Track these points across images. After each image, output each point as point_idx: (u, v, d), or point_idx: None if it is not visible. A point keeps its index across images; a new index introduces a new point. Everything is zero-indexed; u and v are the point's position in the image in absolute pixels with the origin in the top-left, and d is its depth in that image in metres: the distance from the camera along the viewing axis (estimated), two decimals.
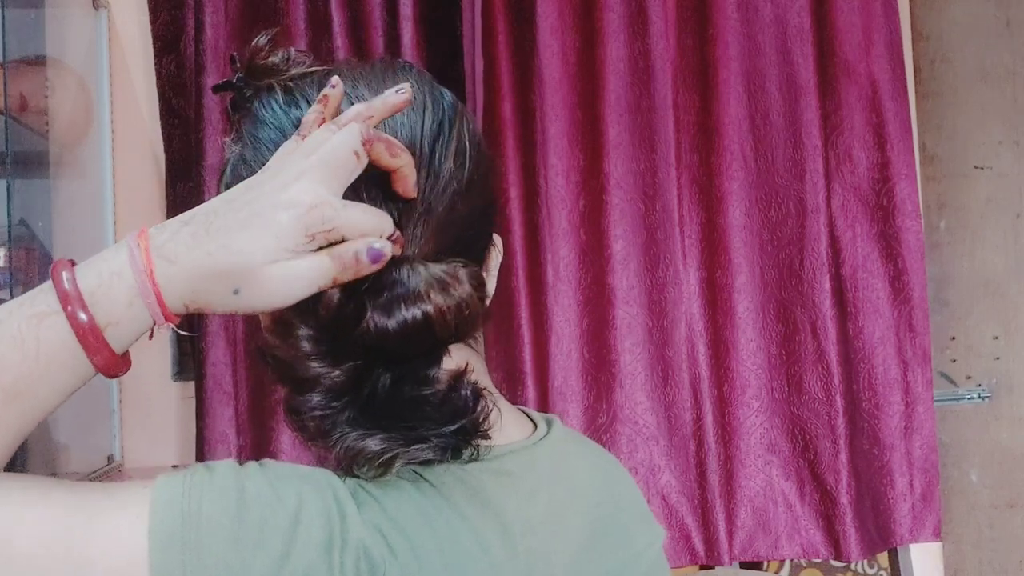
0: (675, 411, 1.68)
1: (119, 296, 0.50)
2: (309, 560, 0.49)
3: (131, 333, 0.51)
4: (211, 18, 1.66)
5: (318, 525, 0.50)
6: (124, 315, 0.50)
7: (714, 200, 1.71)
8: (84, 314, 0.49)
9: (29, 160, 1.53)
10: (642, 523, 0.71)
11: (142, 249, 0.50)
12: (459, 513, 0.54)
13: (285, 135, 0.59)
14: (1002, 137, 1.97)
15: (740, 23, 1.72)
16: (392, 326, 0.50)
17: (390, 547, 0.51)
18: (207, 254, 0.49)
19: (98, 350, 0.49)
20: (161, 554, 0.47)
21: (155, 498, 0.49)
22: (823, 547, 1.70)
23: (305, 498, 0.51)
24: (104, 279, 0.50)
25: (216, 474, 0.51)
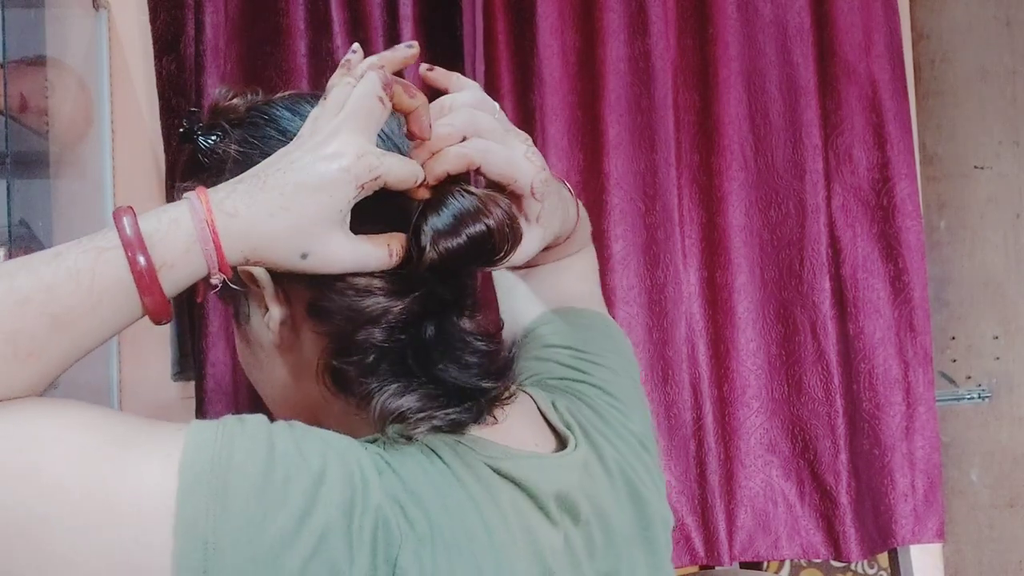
0: (675, 411, 1.68)
1: (177, 241, 0.52)
2: (328, 520, 0.50)
3: (184, 278, 0.53)
4: (211, 18, 1.66)
5: (340, 488, 0.51)
6: (180, 259, 0.52)
7: (714, 200, 1.71)
8: (142, 255, 0.51)
9: (29, 160, 1.53)
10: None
11: (202, 201, 0.53)
12: (468, 493, 0.56)
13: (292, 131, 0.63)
14: (1002, 137, 1.97)
15: (740, 23, 1.72)
16: (459, 243, 0.56)
17: (407, 518, 0.52)
18: (268, 215, 0.53)
19: (150, 291, 0.51)
20: (187, 496, 0.48)
21: (188, 441, 0.50)
22: (823, 547, 1.70)
23: (329, 460, 0.52)
24: (163, 225, 0.52)
25: (248, 426, 0.52)
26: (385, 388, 0.57)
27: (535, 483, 0.60)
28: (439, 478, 0.55)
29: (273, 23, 1.67)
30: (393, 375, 0.57)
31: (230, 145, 0.64)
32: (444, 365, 0.58)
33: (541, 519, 0.60)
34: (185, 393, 1.76)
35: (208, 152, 0.65)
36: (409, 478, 0.54)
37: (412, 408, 0.56)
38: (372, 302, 0.56)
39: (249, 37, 1.67)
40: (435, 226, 0.56)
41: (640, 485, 0.70)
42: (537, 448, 0.64)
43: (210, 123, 0.67)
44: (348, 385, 0.60)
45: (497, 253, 0.58)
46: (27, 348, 0.49)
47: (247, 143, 0.64)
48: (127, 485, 0.48)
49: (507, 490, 0.59)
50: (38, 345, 0.49)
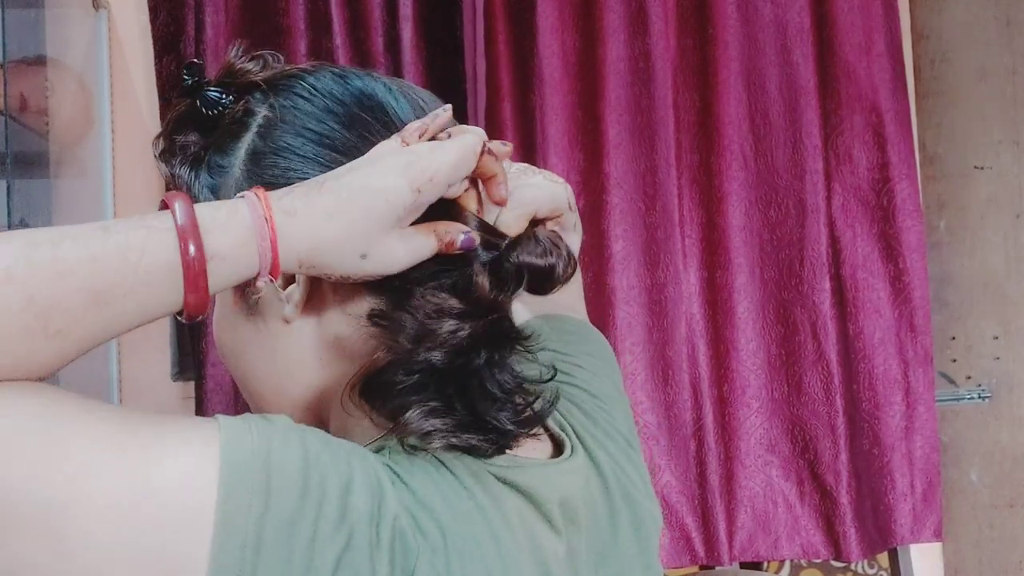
0: (675, 411, 1.68)
1: (233, 232, 0.51)
2: (355, 527, 0.49)
3: (232, 275, 0.51)
4: (211, 18, 1.66)
5: (365, 496, 0.50)
6: (232, 253, 0.50)
7: (714, 200, 1.71)
8: (194, 243, 0.49)
9: (29, 160, 1.53)
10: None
11: (260, 197, 0.51)
12: (476, 503, 0.55)
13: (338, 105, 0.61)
14: (1002, 137, 1.97)
15: (740, 23, 1.72)
16: (542, 264, 0.59)
17: (420, 529, 0.51)
18: (327, 216, 0.52)
19: (196, 283, 0.49)
20: (229, 489, 0.46)
21: (224, 434, 0.48)
22: (823, 547, 1.70)
23: (355, 468, 0.51)
24: (220, 215, 0.51)
25: (279, 425, 0.51)
26: (423, 406, 0.56)
27: (540, 491, 0.60)
28: (447, 488, 0.55)
29: (273, 23, 1.67)
30: (435, 396, 0.56)
31: (255, 107, 0.62)
32: (483, 397, 0.57)
33: (545, 528, 0.60)
34: (185, 393, 1.76)
35: (213, 105, 0.62)
36: (419, 488, 0.53)
37: (439, 429, 0.55)
38: (446, 324, 0.56)
39: (249, 37, 1.67)
40: (525, 251, 0.59)
41: (630, 486, 0.70)
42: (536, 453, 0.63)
43: (221, 81, 0.64)
44: (382, 397, 0.57)
45: (564, 281, 0.61)
46: (58, 324, 0.46)
47: (282, 110, 0.61)
48: (163, 474, 0.46)
49: (512, 499, 0.58)
50: (69, 321, 0.47)
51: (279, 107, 0.61)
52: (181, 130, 0.64)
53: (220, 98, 0.62)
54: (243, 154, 0.61)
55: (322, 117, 0.61)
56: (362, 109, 0.61)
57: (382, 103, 0.62)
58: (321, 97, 0.61)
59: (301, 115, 0.61)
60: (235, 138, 0.61)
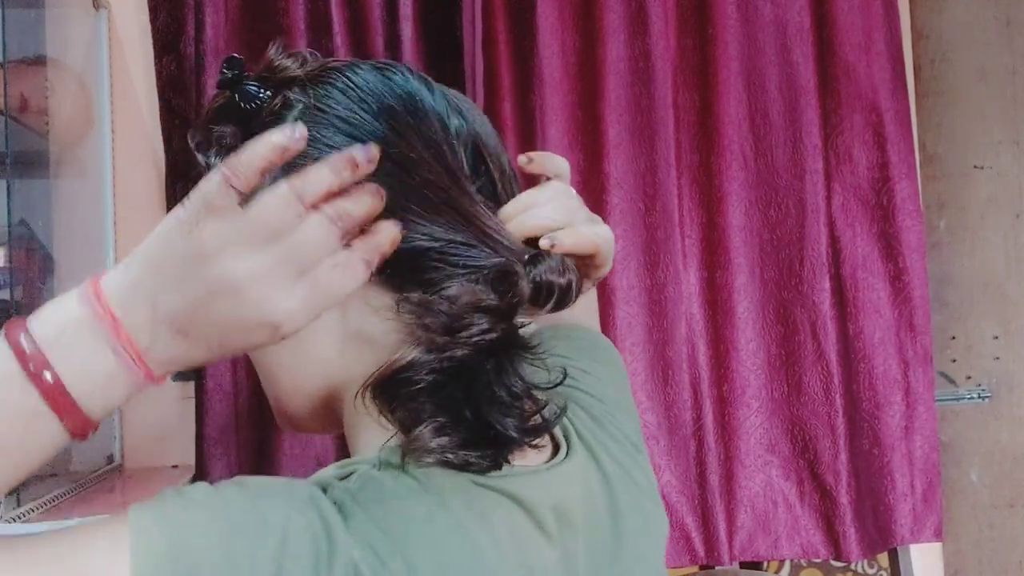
0: (675, 411, 1.67)
1: (119, 391, 0.50)
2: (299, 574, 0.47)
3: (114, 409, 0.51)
4: (211, 18, 1.66)
5: (305, 543, 0.48)
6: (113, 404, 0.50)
7: (714, 200, 1.71)
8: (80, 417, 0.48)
9: (29, 160, 1.53)
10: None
11: (131, 355, 0.49)
12: (455, 519, 0.54)
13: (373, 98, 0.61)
14: (1002, 137, 1.97)
15: (740, 23, 1.72)
16: (561, 282, 0.61)
17: (380, 559, 0.50)
18: (206, 359, 0.51)
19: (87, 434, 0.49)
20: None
21: (136, 536, 0.46)
22: (823, 547, 1.70)
23: (290, 516, 0.49)
24: (100, 382, 0.49)
25: (195, 499, 0.49)
26: (433, 422, 0.54)
27: (531, 497, 0.58)
28: (421, 509, 0.53)
29: (273, 23, 1.67)
30: (446, 402, 0.56)
31: (294, 98, 0.61)
32: (491, 401, 0.56)
33: (536, 536, 0.59)
34: (185, 393, 1.75)
35: (253, 98, 0.62)
36: (383, 515, 0.51)
37: (442, 447, 0.54)
38: (481, 321, 0.56)
39: (249, 37, 1.67)
40: (548, 266, 0.61)
41: (637, 491, 0.69)
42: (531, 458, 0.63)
43: (261, 76, 0.63)
44: (395, 400, 0.56)
45: (568, 302, 0.63)
46: None
47: (318, 100, 0.61)
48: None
49: (500, 507, 0.57)
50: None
51: (314, 99, 0.61)
52: (218, 122, 0.63)
53: (258, 92, 0.62)
54: None
55: (354, 109, 0.61)
56: (395, 101, 0.61)
57: (415, 96, 0.62)
58: (356, 90, 0.61)
59: (335, 106, 0.61)
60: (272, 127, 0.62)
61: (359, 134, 0.59)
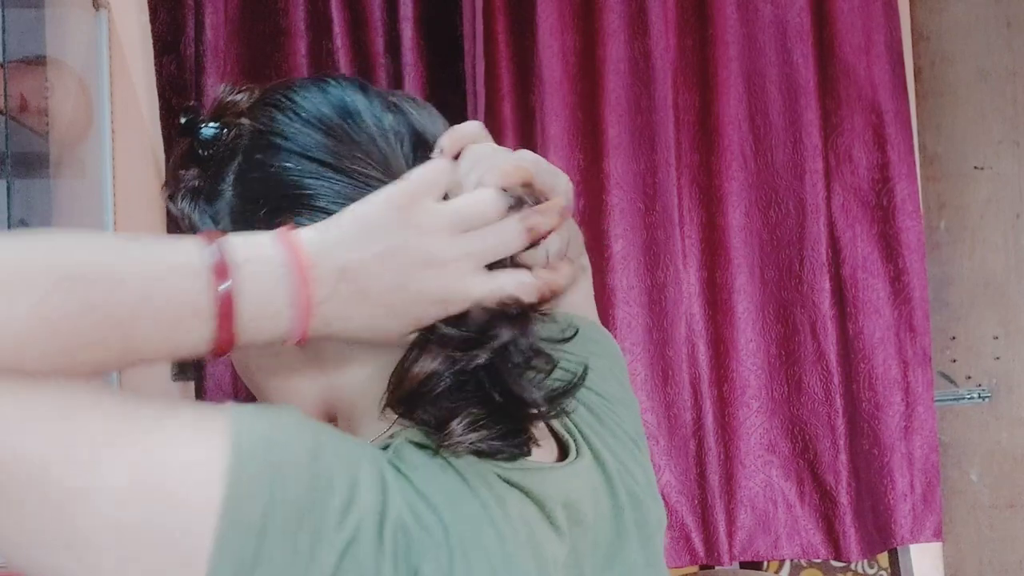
0: (675, 411, 1.68)
1: (271, 332, 0.52)
2: (361, 522, 0.49)
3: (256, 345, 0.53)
4: (211, 18, 1.66)
5: (372, 492, 0.51)
6: (265, 342, 0.53)
7: (714, 200, 1.71)
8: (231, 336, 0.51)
9: (29, 160, 1.53)
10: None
11: (304, 303, 0.52)
12: (481, 501, 0.55)
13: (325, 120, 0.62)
14: (1002, 137, 1.97)
15: (740, 23, 1.72)
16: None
17: (423, 524, 0.52)
18: (368, 328, 0.54)
19: (224, 353, 0.52)
20: (238, 477, 0.47)
21: (235, 422, 0.49)
22: (823, 547, 1.70)
23: (362, 464, 0.52)
24: (264, 316, 0.52)
25: (290, 415, 0.51)
26: (466, 416, 0.56)
27: (544, 493, 0.60)
28: (452, 487, 0.55)
29: (273, 23, 1.67)
30: (474, 393, 0.57)
31: (242, 129, 0.63)
32: (513, 373, 0.58)
33: (547, 530, 0.60)
34: (185, 393, 1.76)
35: (209, 144, 0.64)
36: (423, 485, 0.53)
37: (477, 440, 0.56)
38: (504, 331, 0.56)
39: (249, 37, 1.67)
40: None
41: (636, 486, 0.70)
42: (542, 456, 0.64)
43: (213, 116, 0.65)
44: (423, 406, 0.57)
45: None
46: (85, 359, 0.48)
47: (261, 123, 0.63)
48: (175, 462, 0.47)
49: (516, 499, 0.58)
50: (97, 360, 0.48)
51: (260, 126, 0.63)
52: (184, 167, 0.66)
53: (214, 134, 0.64)
54: (231, 177, 0.63)
55: (293, 124, 0.62)
56: (330, 109, 0.62)
57: (347, 101, 0.63)
58: (293, 105, 0.63)
59: (276, 126, 0.63)
60: (226, 164, 0.63)
61: (299, 147, 0.61)
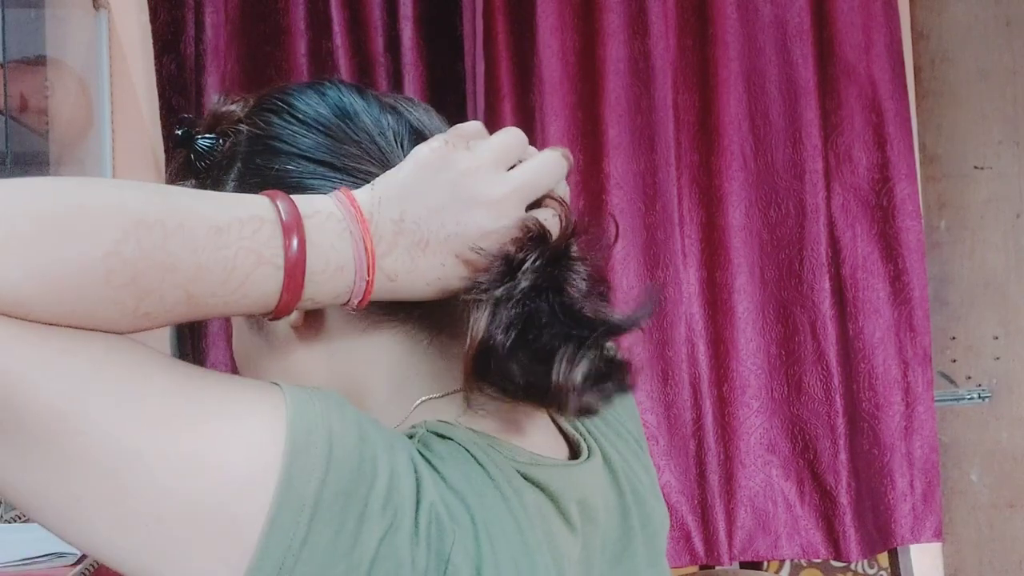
0: (675, 411, 1.68)
1: (334, 288, 0.53)
2: (401, 506, 0.50)
3: (317, 307, 0.54)
4: (211, 18, 1.66)
5: (407, 481, 0.51)
6: (326, 299, 0.53)
7: (714, 200, 1.71)
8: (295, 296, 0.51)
9: (29, 160, 1.53)
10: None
11: (368, 256, 0.53)
12: (501, 493, 0.56)
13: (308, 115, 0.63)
14: (1002, 137, 1.97)
15: (740, 23, 1.72)
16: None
17: (453, 515, 0.52)
18: (425, 283, 0.55)
19: (284, 313, 0.52)
20: (295, 456, 0.47)
21: (290, 401, 0.49)
22: (823, 547, 1.70)
23: (398, 451, 0.52)
24: (329, 271, 0.52)
25: (335, 398, 0.52)
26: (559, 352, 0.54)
27: (560, 490, 0.60)
28: (475, 476, 0.55)
29: (273, 23, 1.67)
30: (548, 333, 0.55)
31: (239, 135, 0.64)
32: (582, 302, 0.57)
33: (562, 526, 0.60)
34: None
35: (206, 155, 0.65)
36: (449, 474, 0.54)
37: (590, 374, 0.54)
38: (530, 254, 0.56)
39: (249, 37, 1.67)
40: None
41: (640, 486, 0.70)
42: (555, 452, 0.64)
43: (209, 126, 0.66)
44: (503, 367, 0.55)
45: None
46: (147, 308, 0.47)
47: (258, 128, 0.63)
48: (233, 434, 0.47)
49: (533, 495, 0.58)
50: (160, 309, 0.48)
51: (258, 130, 0.64)
52: (181, 179, 0.66)
53: (211, 145, 0.65)
54: (232, 184, 0.64)
55: (292, 127, 0.63)
56: (328, 111, 0.63)
57: (345, 103, 0.64)
58: (291, 109, 0.64)
59: (274, 130, 0.63)
60: (226, 172, 0.64)
61: (298, 148, 0.62)
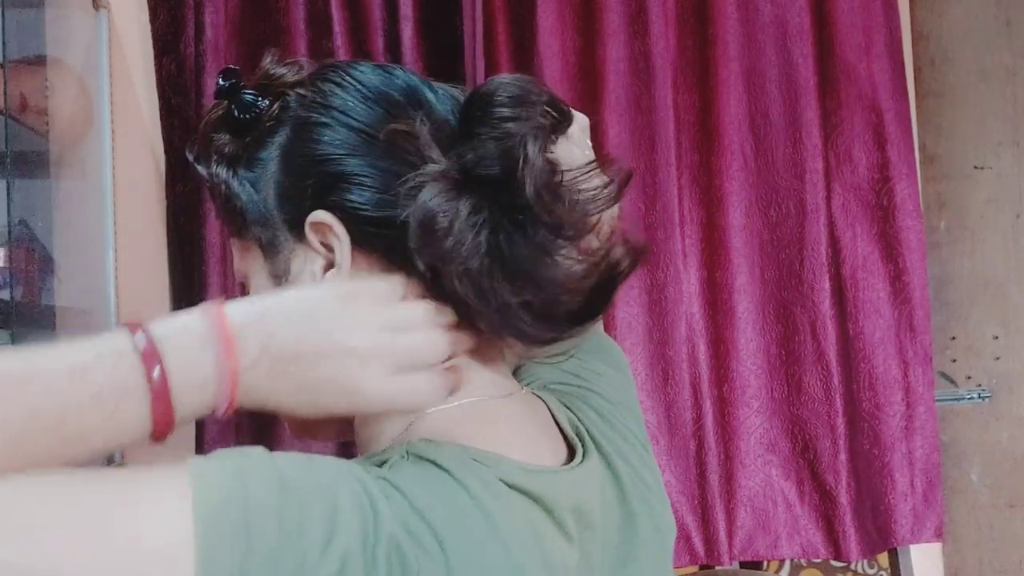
0: (675, 411, 1.68)
1: (200, 401, 0.52)
2: (348, 548, 0.48)
3: (193, 416, 0.53)
4: (211, 18, 1.66)
5: (355, 517, 0.50)
6: (196, 411, 0.52)
7: (714, 200, 1.71)
8: (165, 412, 0.51)
9: (29, 160, 1.53)
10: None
11: (228, 373, 0.52)
12: (484, 512, 0.54)
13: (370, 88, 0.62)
14: (1002, 137, 1.97)
15: (740, 23, 1.72)
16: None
17: (420, 544, 0.51)
18: (295, 402, 0.54)
19: (165, 433, 0.52)
20: (207, 535, 0.46)
21: (196, 480, 0.48)
22: (823, 547, 1.70)
23: (340, 488, 0.51)
24: (193, 390, 0.51)
25: (253, 457, 0.51)
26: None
27: (552, 498, 0.59)
28: (452, 498, 0.54)
29: (273, 23, 1.67)
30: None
31: (291, 102, 0.63)
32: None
33: (556, 535, 0.59)
34: None
35: (250, 109, 0.63)
36: (420, 501, 0.52)
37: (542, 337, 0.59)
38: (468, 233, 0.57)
39: (249, 37, 1.67)
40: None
41: (647, 491, 0.70)
42: (552, 458, 0.63)
43: (257, 85, 0.65)
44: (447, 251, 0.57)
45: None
46: (28, 460, 0.47)
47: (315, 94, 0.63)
48: (143, 534, 0.46)
49: (522, 506, 0.57)
50: (39, 460, 0.47)
51: (310, 101, 0.63)
52: (217, 132, 0.65)
53: (256, 101, 0.64)
54: (277, 149, 0.63)
55: (352, 98, 0.62)
56: (396, 91, 0.62)
57: (416, 88, 0.63)
58: (355, 82, 0.63)
59: (332, 100, 0.62)
60: (271, 134, 0.63)
61: (354, 120, 0.61)
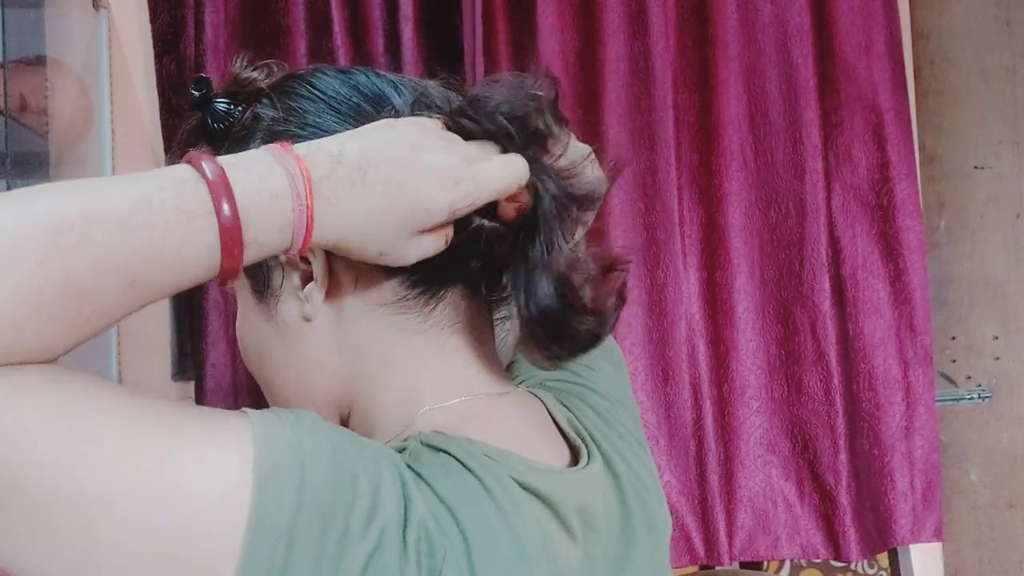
0: (675, 411, 1.67)
1: (274, 221, 0.50)
2: (386, 525, 0.48)
3: (266, 254, 0.51)
4: (211, 18, 1.66)
5: (393, 498, 0.49)
6: (270, 239, 0.50)
7: (714, 200, 1.71)
8: (237, 245, 0.48)
9: (29, 160, 1.53)
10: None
11: (303, 179, 0.50)
12: (498, 506, 0.55)
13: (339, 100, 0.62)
14: (1002, 137, 1.97)
15: (740, 23, 1.72)
16: None
17: (444, 532, 0.51)
18: (365, 212, 0.52)
19: (233, 271, 0.49)
20: (265, 486, 0.45)
21: (258, 430, 0.48)
22: (823, 547, 1.70)
23: (382, 467, 0.51)
24: (263, 201, 0.49)
25: (307, 420, 0.50)
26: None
27: (558, 498, 0.59)
28: (470, 490, 0.54)
29: (273, 23, 1.67)
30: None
31: (262, 111, 0.63)
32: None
33: (562, 535, 0.59)
34: (184, 393, 1.76)
35: (224, 118, 0.63)
36: (441, 489, 0.53)
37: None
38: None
39: (249, 37, 1.67)
40: None
41: (643, 490, 0.70)
42: (553, 459, 0.63)
43: (228, 92, 0.64)
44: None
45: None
46: (94, 309, 0.44)
47: (286, 111, 0.62)
48: (197, 473, 0.45)
49: (531, 504, 0.57)
50: (105, 307, 0.45)
51: (283, 109, 0.62)
52: (193, 142, 0.65)
53: (229, 110, 0.63)
54: None
55: (324, 113, 0.62)
56: (364, 101, 0.62)
57: (384, 94, 0.63)
58: (323, 94, 0.63)
59: (304, 113, 0.62)
60: (244, 143, 0.62)
61: (324, 131, 0.60)
